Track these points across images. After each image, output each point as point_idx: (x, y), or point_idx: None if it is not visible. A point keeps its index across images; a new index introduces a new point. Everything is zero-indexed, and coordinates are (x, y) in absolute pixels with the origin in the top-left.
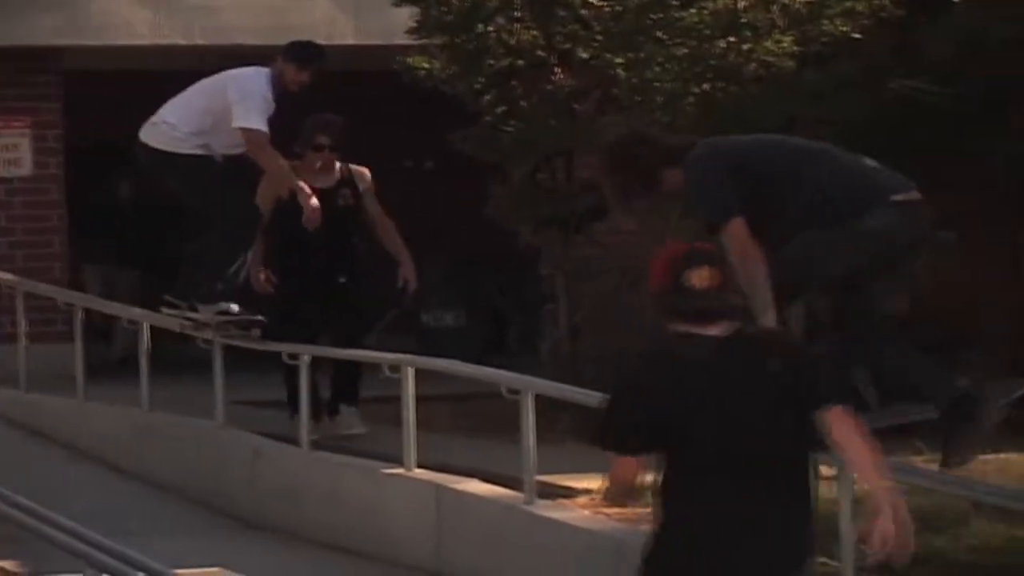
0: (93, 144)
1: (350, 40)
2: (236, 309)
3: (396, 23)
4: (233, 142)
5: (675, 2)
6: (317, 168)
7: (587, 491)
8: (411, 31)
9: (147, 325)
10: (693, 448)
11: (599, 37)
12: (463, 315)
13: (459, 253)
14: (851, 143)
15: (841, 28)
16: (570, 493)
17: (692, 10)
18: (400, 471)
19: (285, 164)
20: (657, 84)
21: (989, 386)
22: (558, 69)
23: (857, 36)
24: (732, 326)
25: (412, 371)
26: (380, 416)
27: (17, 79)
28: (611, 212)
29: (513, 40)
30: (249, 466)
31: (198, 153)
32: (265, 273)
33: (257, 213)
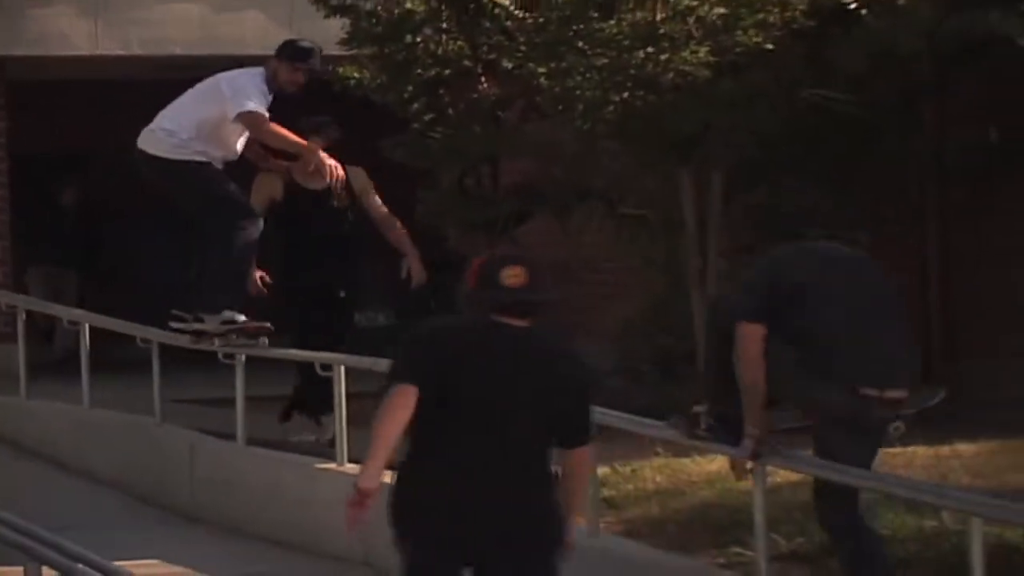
0: (37, 152)
1: None
2: (242, 319)
3: (328, 34)
4: (231, 148)
5: (596, 14)
6: (311, 170)
7: None
8: (342, 42)
9: (87, 326)
10: (454, 400)
11: (523, 48)
12: (394, 315)
13: (391, 255)
14: (768, 151)
15: (755, 39)
16: None
17: (612, 21)
18: (332, 466)
19: (292, 136)
20: (578, 93)
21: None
22: (484, 78)
23: (770, 47)
24: (538, 321)
25: (343, 369)
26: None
27: None
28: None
29: (440, 50)
30: (187, 462)
31: (198, 159)
32: (260, 274)
33: (258, 220)
